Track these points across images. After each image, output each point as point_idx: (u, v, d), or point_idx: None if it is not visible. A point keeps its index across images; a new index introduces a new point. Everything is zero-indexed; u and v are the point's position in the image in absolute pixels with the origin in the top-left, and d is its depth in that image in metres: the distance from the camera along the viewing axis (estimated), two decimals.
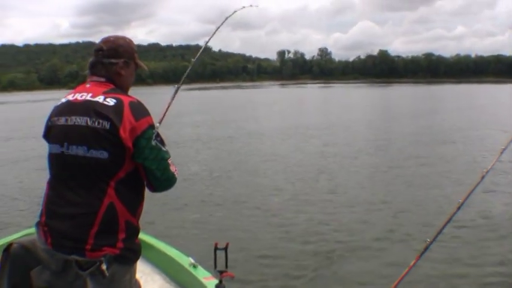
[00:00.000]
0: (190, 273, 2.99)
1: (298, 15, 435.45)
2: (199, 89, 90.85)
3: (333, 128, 18.60)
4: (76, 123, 2.01)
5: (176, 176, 2.17)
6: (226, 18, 3.37)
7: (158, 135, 2.06)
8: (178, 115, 23.21)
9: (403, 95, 50.12)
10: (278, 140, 15.84)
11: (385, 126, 18.78)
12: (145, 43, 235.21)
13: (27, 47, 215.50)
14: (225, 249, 2.78)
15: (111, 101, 2.00)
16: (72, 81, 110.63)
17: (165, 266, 3.32)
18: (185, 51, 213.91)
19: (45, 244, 2.00)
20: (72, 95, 2.12)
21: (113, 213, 1.96)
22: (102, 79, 2.13)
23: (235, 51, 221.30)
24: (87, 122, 1.98)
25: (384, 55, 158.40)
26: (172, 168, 2.13)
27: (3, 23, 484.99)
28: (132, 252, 2.05)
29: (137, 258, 2.10)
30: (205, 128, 20.42)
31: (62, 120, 2.06)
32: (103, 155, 1.95)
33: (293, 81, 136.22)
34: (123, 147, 1.96)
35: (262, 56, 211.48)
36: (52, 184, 2.09)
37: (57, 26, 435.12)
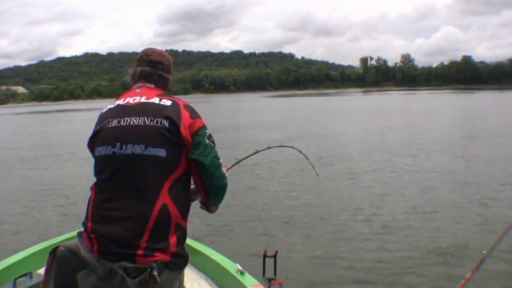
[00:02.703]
0: (237, 280, 2.84)
1: (379, 21, 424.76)
2: (280, 96, 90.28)
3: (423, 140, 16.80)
4: (132, 124, 2.00)
5: (226, 177, 2.18)
6: (257, 152, 3.22)
7: (211, 136, 2.10)
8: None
9: (491, 102, 46.80)
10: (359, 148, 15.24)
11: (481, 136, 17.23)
12: (228, 51, 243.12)
13: (110, 55, 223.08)
14: (274, 256, 2.76)
15: (167, 102, 2.05)
16: None
17: (211, 272, 3.19)
18: (268, 58, 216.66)
19: (91, 252, 1.95)
20: (122, 99, 2.12)
21: (165, 215, 1.92)
22: (152, 85, 2.20)
23: (318, 58, 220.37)
24: (144, 122, 1.98)
25: (467, 61, 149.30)
26: (223, 169, 2.15)
27: (87, 32, 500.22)
28: (182, 258, 2.01)
29: (186, 265, 2.08)
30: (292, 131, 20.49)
31: (113, 123, 2.04)
32: (161, 153, 1.94)
33: (376, 88, 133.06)
34: (181, 145, 1.99)
35: (344, 63, 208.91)
36: (99, 188, 2.02)
37: (140, 34, 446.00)
